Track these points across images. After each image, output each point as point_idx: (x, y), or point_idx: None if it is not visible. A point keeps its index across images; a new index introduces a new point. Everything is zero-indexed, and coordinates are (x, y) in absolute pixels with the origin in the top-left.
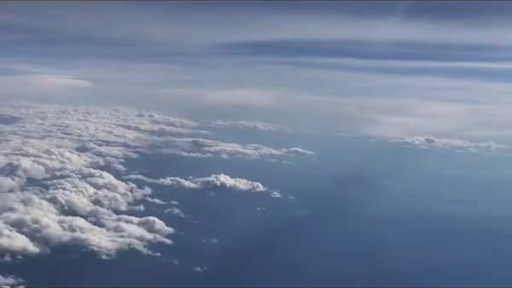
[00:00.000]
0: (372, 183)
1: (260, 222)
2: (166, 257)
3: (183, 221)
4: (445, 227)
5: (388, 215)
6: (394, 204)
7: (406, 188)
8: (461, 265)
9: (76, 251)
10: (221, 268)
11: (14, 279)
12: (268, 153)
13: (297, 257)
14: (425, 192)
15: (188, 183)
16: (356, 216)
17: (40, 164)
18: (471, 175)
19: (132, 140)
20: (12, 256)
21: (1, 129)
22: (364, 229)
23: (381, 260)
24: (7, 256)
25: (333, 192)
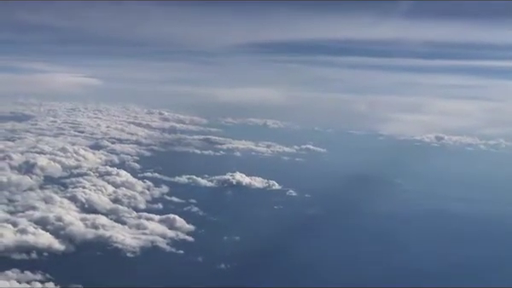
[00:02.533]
0: (384, 181)
1: (279, 220)
2: (190, 255)
3: (203, 219)
4: (456, 225)
5: (400, 212)
6: (405, 202)
7: (417, 186)
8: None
9: (100, 249)
10: (245, 266)
11: (42, 275)
12: (280, 151)
13: (316, 254)
14: (435, 190)
15: (204, 181)
16: (369, 214)
17: (56, 161)
18: (481, 173)
19: (144, 137)
20: (38, 253)
21: (14, 126)
22: (378, 227)
23: (395, 258)
24: (33, 253)
25: (347, 191)
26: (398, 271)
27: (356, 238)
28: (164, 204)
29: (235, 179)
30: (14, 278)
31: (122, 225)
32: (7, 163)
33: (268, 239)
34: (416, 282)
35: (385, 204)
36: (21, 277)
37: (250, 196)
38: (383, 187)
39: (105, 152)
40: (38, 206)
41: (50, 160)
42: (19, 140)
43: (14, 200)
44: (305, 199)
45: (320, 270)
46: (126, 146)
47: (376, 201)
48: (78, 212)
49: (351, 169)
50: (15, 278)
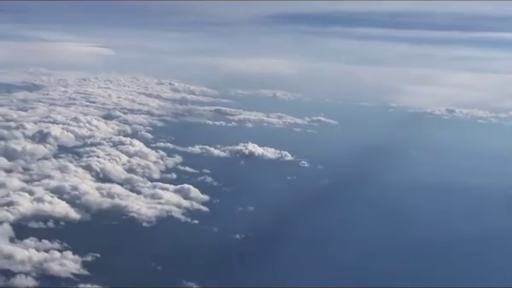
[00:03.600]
0: (396, 153)
1: (292, 191)
2: (205, 225)
3: (217, 189)
4: (468, 196)
5: (413, 184)
6: (418, 174)
7: (429, 158)
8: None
9: (116, 218)
10: (260, 236)
11: (60, 244)
12: (292, 122)
13: (329, 225)
14: (447, 162)
15: (217, 152)
16: (382, 185)
17: (69, 131)
18: (492, 146)
19: (156, 108)
20: (55, 222)
21: (26, 96)
22: (391, 198)
23: (407, 229)
24: (50, 222)
25: (360, 162)
26: (410, 242)
27: (369, 208)
28: (177, 174)
29: (248, 149)
30: (32, 246)
31: (137, 194)
32: (21, 132)
33: (282, 210)
34: (427, 253)
35: (398, 176)
36: (39, 245)
37: (263, 167)
38: (396, 158)
39: (117, 122)
40: (54, 175)
41: (63, 130)
42: (31, 109)
43: (30, 169)
44: (317, 170)
45: (333, 240)
46: (138, 116)
47: (389, 172)
48: (93, 181)
49: (363, 141)
50: (33, 246)
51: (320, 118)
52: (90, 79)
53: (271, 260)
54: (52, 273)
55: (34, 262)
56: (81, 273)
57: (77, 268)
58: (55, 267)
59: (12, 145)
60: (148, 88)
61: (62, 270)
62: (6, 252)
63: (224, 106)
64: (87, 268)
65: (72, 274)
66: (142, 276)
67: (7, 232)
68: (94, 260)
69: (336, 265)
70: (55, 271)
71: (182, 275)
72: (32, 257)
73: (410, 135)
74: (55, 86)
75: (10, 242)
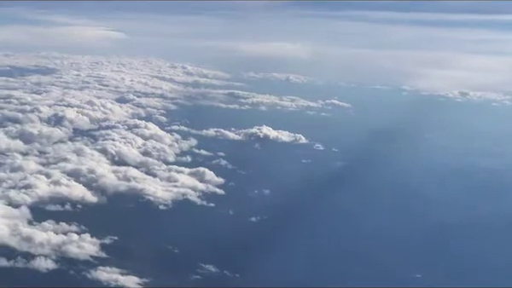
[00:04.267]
0: (409, 136)
1: (308, 174)
2: (221, 208)
3: (232, 172)
4: (482, 179)
5: (428, 167)
6: (431, 157)
7: (444, 141)
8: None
9: (133, 201)
10: (276, 219)
11: (78, 227)
12: (305, 105)
13: (344, 207)
14: (461, 145)
15: (231, 135)
16: (397, 168)
17: (84, 114)
18: (506, 129)
19: (169, 91)
20: (72, 205)
21: (39, 80)
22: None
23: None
24: (67, 205)
25: (374, 145)
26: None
27: (384, 191)
28: (192, 157)
29: (262, 132)
30: (50, 229)
31: (153, 177)
32: (36, 115)
33: (298, 193)
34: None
35: (412, 158)
36: (57, 228)
37: (277, 150)
38: (410, 141)
39: (131, 106)
40: (70, 158)
41: (78, 113)
42: (45, 93)
43: (46, 152)
44: (332, 153)
45: (348, 222)
46: (151, 99)
47: (403, 155)
48: (109, 164)
49: (377, 124)
50: (52, 229)
51: (333, 102)
52: (103, 63)
53: (288, 243)
54: (71, 256)
55: (53, 244)
56: (99, 255)
57: (95, 251)
58: (74, 250)
59: (28, 128)
60: (161, 71)
61: (81, 253)
62: (25, 235)
63: (237, 89)
64: (105, 251)
65: (91, 257)
66: (160, 259)
67: (25, 214)
68: (112, 242)
69: (352, 248)
70: (73, 253)
71: (199, 258)
72: (51, 240)
73: (423, 118)
74: (68, 69)
75: (29, 224)
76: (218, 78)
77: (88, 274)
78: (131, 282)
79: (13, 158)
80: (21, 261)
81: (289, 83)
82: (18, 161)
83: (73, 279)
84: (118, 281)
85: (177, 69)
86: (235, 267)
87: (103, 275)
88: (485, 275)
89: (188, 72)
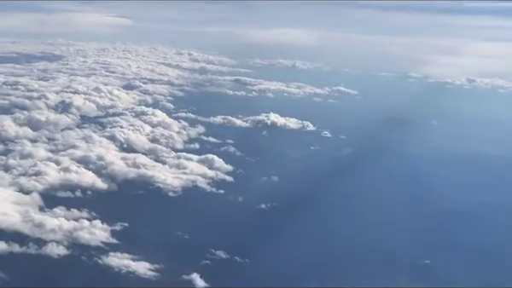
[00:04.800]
0: (416, 123)
1: (316, 161)
2: (230, 194)
3: (241, 159)
4: (488, 166)
5: (435, 154)
6: (438, 144)
7: (451, 128)
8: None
9: (142, 188)
10: (285, 206)
11: (88, 213)
12: (312, 92)
13: (353, 194)
14: (469, 132)
15: (239, 122)
16: (404, 154)
17: (91, 101)
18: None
19: (176, 78)
20: (82, 192)
21: (46, 66)
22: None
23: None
24: (78, 192)
25: (382, 132)
26: (431, 210)
27: (391, 178)
28: (200, 144)
29: (270, 119)
30: (61, 215)
31: (162, 165)
32: (43, 102)
33: (306, 180)
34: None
35: (419, 146)
36: (68, 214)
37: (285, 137)
38: (417, 128)
39: (138, 92)
40: (79, 145)
41: (85, 100)
42: (52, 79)
43: (54, 139)
44: (340, 141)
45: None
46: (158, 86)
47: (411, 142)
48: (118, 151)
49: (384, 111)
50: (63, 215)
51: (340, 88)
52: (109, 49)
53: (297, 229)
54: (82, 242)
55: (64, 230)
56: (110, 241)
57: (106, 237)
58: (85, 236)
59: (35, 115)
60: (167, 58)
61: (92, 239)
62: (37, 221)
63: (244, 75)
64: (116, 237)
65: (102, 243)
66: (170, 245)
67: (36, 201)
68: (122, 229)
69: (360, 234)
70: (85, 239)
71: (210, 244)
72: (62, 226)
73: (430, 105)
74: (75, 56)
75: (40, 211)
76: (225, 65)
77: (99, 260)
78: (142, 268)
79: (22, 145)
80: (33, 247)
81: (296, 69)
82: (27, 148)
83: (85, 265)
84: (129, 267)
85: (183, 55)
86: (245, 253)
87: (115, 261)
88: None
89: (194, 58)
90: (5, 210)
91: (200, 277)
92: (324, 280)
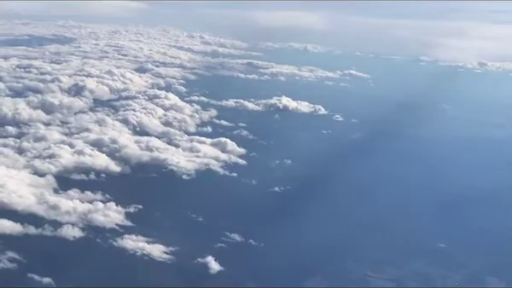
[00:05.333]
0: (428, 106)
1: (328, 145)
2: (243, 177)
3: (253, 143)
4: (499, 149)
5: (446, 138)
6: (451, 128)
7: (462, 112)
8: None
9: (156, 171)
10: (298, 189)
11: (102, 196)
12: (323, 76)
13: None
14: (480, 116)
15: (251, 105)
16: (416, 138)
17: (104, 84)
18: None
19: (188, 61)
20: (96, 174)
21: (58, 49)
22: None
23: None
24: (92, 174)
25: (393, 116)
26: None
27: (403, 162)
28: (213, 128)
29: (282, 103)
30: (75, 197)
31: (175, 148)
32: (56, 85)
33: (319, 163)
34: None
35: (431, 129)
36: (82, 197)
37: (297, 120)
38: (428, 112)
39: (150, 76)
40: (92, 128)
41: (98, 83)
42: (64, 62)
43: (68, 122)
44: (352, 124)
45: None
46: (170, 69)
47: (422, 126)
48: (131, 134)
49: (396, 95)
50: (77, 197)
51: (352, 72)
52: (121, 32)
53: (310, 212)
54: (97, 224)
55: (79, 212)
56: (125, 224)
57: (120, 220)
58: (100, 218)
59: (49, 98)
60: (179, 40)
61: (107, 221)
62: (52, 203)
63: (255, 59)
64: (130, 220)
65: (117, 225)
66: (185, 228)
67: (50, 183)
68: (136, 211)
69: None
70: (99, 222)
71: (224, 227)
72: (77, 208)
73: (441, 88)
74: (86, 39)
75: (54, 193)
76: (236, 48)
77: (114, 243)
78: (157, 250)
79: (36, 128)
80: (49, 229)
81: (307, 52)
82: (41, 131)
83: (100, 248)
84: (144, 250)
85: (195, 38)
86: (260, 236)
87: (129, 243)
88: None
89: (206, 41)
90: (20, 192)
91: (215, 260)
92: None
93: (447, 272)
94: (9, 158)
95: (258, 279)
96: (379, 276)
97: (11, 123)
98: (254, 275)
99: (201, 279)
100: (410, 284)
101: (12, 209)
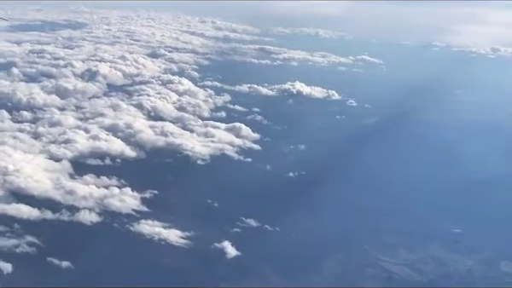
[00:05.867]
0: (441, 92)
1: (342, 130)
2: (258, 163)
3: (268, 128)
4: None
5: (458, 123)
6: (466, 113)
7: (474, 97)
8: None
9: (171, 156)
10: (313, 174)
11: (118, 181)
12: (336, 61)
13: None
14: (491, 102)
15: (264, 90)
16: (431, 124)
17: (117, 69)
18: None
19: (200, 46)
20: (112, 160)
21: (70, 34)
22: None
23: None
24: (107, 159)
25: (408, 101)
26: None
27: (416, 147)
28: (227, 113)
29: (296, 88)
30: (91, 182)
31: (190, 133)
32: (70, 70)
33: (334, 149)
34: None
35: (445, 114)
36: (98, 182)
37: (311, 106)
38: (442, 97)
39: (163, 61)
40: (106, 113)
41: (111, 68)
42: (77, 48)
43: (82, 107)
44: (365, 110)
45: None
46: (183, 54)
47: (436, 111)
48: (145, 119)
49: (409, 80)
50: (93, 182)
51: (364, 57)
52: (132, 17)
53: (326, 197)
54: (113, 209)
55: (95, 197)
56: (141, 209)
57: (136, 205)
58: (116, 204)
59: (63, 83)
60: (191, 26)
61: (123, 206)
62: (68, 188)
63: (267, 44)
64: (146, 205)
65: (133, 210)
66: (201, 212)
67: (66, 168)
68: (152, 196)
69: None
70: (116, 207)
71: (240, 212)
72: (93, 193)
73: (454, 74)
74: (98, 24)
75: (70, 178)
76: (248, 33)
77: (131, 227)
78: (174, 235)
79: (51, 113)
80: (66, 213)
81: (318, 38)
82: (56, 116)
83: (118, 232)
84: (161, 234)
85: (206, 24)
86: (276, 221)
87: (146, 228)
88: None
89: (217, 26)
90: (37, 177)
91: (232, 245)
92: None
93: (460, 256)
94: (25, 143)
95: (274, 263)
96: (391, 260)
97: (26, 108)
98: (270, 260)
99: (218, 264)
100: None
101: (29, 194)
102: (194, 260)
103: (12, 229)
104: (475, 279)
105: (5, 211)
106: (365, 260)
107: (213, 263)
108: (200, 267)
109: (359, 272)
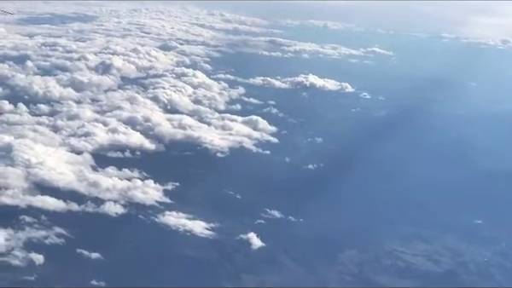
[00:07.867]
0: (453, 84)
1: (357, 123)
2: (277, 155)
3: (284, 121)
4: None
5: (471, 115)
6: (475, 105)
7: (486, 89)
8: None
9: (190, 148)
10: (332, 166)
11: (139, 173)
12: (347, 53)
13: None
14: (506, 94)
15: (278, 83)
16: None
17: (131, 62)
18: None
19: (210, 39)
20: (131, 152)
21: (81, 27)
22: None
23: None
24: (127, 152)
25: (421, 93)
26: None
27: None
28: (242, 106)
29: (309, 81)
30: (114, 175)
31: (207, 126)
32: (83, 63)
33: (350, 141)
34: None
35: (458, 106)
36: (120, 174)
37: (325, 98)
38: (454, 89)
39: (175, 53)
40: (124, 106)
41: (124, 61)
42: (89, 41)
43: (99, 100)
44: (379, 102)
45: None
46: (194, 47)
47: (449, 102)
48: (162, 112)
49: (421, 72)
50: (115, 175)
51: (375, 49)
52: (141, 10)
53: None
54: (137, 201)
55: (119, 189)
56: (164, 201)
57: (159, 196)
58: (139, 195)
59: (78, 76)
60: (200, 18)
61: (146, 198)
62: (91, 180)
63: (277, 36)
64: (169, 197)
65: (157, 202)
66: (223, 204)
67: (88, 161)
68: (174, 188)
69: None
70: (139, 199)
71: (264, 204)
72: (116, 185)
73: (465, 65)
74: (108, 17)
75: (93, 170)
76: (257, 25)
77: (156, 219)
78: (199, 227)
79: (68, 106)
80: (91, 205)
81: (327, 30)
82: (73, 109)
83: (144, 224)
84: (186, 226)
85: (215, 16)
86: (299, 212)
87: (171, 220)
88: None
89: (226, 19)
90: (59, 170)
91: (257, 236)
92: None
93: (478, 248)
94: (45, 136)
95: (298, 253)
96: (408, 251)
97: (43, 101)
98: (295, 251)
99: (244, 255)
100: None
101: (53, 186)
102: (220, 251)
103: (40, 221)
104: (492, 270)
105: (31, 203)
106: (383, 251)
107: (239, 254)
108: (225, 258)
109: (377, 262)
